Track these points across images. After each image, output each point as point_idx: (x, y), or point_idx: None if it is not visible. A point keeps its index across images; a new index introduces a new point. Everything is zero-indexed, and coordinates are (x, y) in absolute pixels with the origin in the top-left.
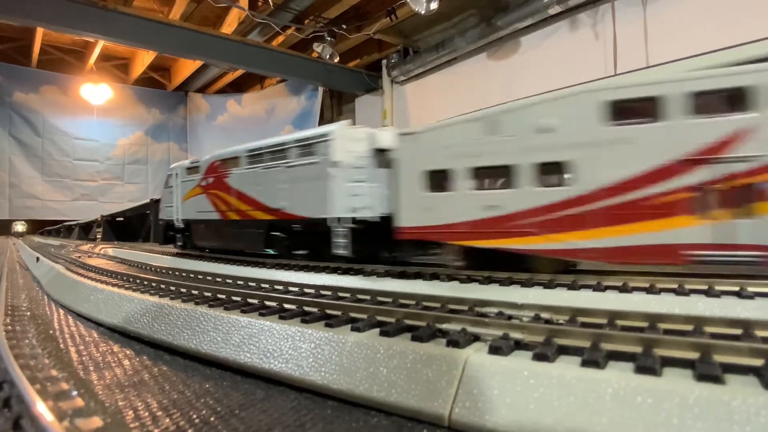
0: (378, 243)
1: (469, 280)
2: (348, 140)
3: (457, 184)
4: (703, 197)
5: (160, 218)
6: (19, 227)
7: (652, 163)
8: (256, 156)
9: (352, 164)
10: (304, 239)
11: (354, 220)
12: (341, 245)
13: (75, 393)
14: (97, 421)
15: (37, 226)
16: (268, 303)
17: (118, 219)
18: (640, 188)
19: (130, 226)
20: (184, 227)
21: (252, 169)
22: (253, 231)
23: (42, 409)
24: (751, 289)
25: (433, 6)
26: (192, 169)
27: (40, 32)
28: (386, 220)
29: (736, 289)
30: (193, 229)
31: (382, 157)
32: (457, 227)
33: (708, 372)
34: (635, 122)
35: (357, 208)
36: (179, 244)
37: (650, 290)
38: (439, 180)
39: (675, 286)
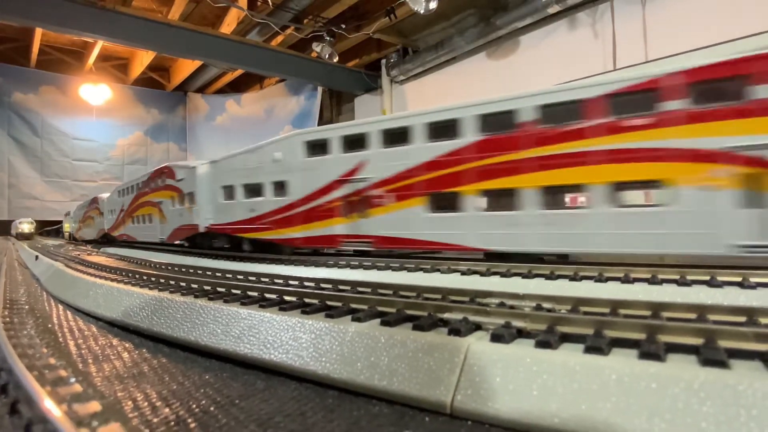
0: None
1: (470, 272)
2: None
3: None
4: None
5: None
6: (25, 227)
7: None
8: None
9: None
10: None
11: None
12: None
13: (73, 380)
14: (95, 406)
15: (37, 227)
16: (268, 295)
17: None
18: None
19: None
20: None
21: None
22: None
23: (40, 393)
24: (753, 279)
25: (432, 5)
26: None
27: (38, 33)
28: None
29: (739, 279)
30: None
31: None
32: None
33: (713, 357)
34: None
35: None
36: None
37: (652, 281)
38: None
39: (677, 276)
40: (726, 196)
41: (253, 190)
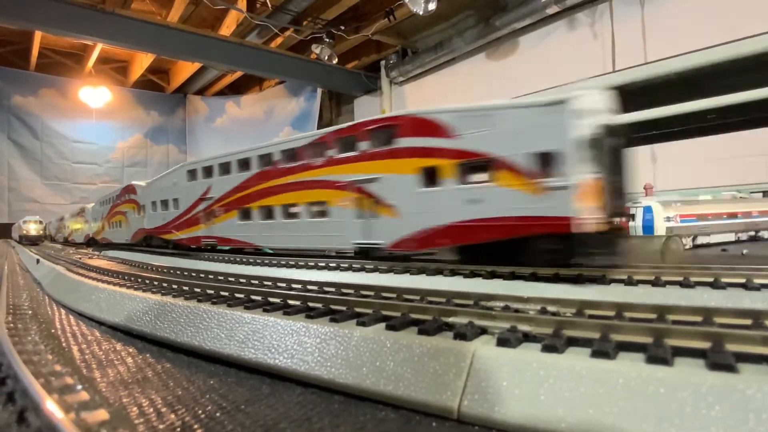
0: None
1: (473, 275)
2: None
3: None
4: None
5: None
6: (31, 227)
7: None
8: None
9: None
10: None
11: None
12: None
13: (80, 387)
14: (103, 414)
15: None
16: (271, 299)
17: None
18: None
19: None
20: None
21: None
22: None
23: (47, 402)
24: (756, 281)
25: (431, 7)
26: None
27: (38, 36)
28: None
29: (742, 281)
30: None
31: None
32: None
33: (721, 361)
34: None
35: None
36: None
37: (656, 283)
38: None
39: (680, 278)
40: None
41: (164, 204)
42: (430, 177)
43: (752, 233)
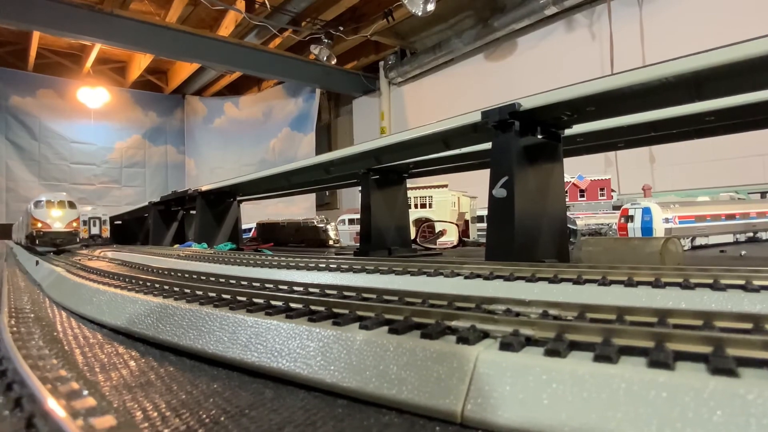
0: None
1: (473, 275)
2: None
3: None
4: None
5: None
6: (55, 215)
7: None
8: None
9: None
10: None
11: None
12: None
13: (86, 392)
14: (110, 420)
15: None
16: (273, 302)
17: (116, 222)
18: None
19: (128, 228)
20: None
21: None
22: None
23: (55, 408)
24: (756, 282)
25: (430, 7)
26: None
27: (36, 36)
28: None
29: (742, 282)
30: None
31: None
32: None
33: (722, 366)
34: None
35: None
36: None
37: (656, 284)
38: None
39: (680, 280)
40: None
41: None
42: (85, 224)
43: (750, 234)
